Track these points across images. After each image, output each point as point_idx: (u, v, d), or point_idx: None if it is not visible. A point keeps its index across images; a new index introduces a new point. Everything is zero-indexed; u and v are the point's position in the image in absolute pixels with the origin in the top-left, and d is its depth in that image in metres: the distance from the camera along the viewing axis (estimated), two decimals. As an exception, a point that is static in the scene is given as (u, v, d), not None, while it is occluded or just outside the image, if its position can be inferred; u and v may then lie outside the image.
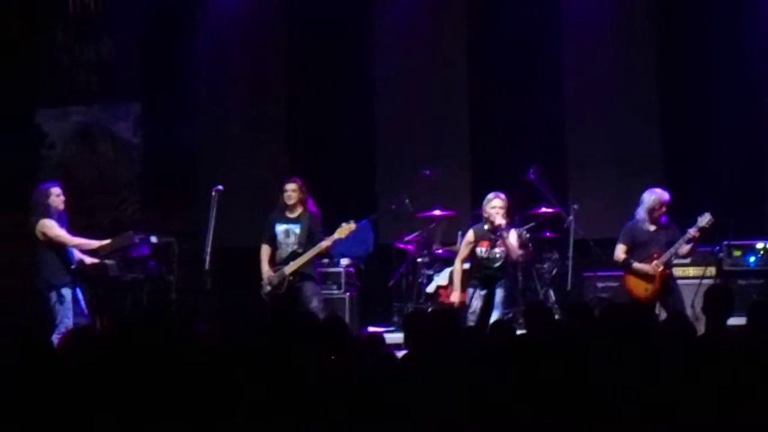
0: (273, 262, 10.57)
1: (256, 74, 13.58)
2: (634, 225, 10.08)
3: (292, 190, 10.54)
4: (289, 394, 5.20)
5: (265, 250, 10.62)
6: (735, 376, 5.18)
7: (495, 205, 10.00)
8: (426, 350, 5.91)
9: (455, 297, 10.18)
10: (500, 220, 9.96)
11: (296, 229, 10.50)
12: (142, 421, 5.17)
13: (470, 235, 10.20)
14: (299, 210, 10.55)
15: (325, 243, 10.39)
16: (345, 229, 10.41)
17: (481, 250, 10.06)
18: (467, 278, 10.20)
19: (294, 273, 10.40)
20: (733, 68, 12.59)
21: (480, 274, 10.07)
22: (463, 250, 10.27)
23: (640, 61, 12.99)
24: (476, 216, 10.66)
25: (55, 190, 10.17)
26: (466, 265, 10.28)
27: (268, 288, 10.45)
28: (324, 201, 11.01)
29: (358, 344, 6.40)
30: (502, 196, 10.10)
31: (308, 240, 10.42)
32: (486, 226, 10.05)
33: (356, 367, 5.64)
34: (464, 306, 10.02)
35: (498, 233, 9.98)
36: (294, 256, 10.42)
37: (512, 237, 10.13)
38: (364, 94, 13.45)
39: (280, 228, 10.56)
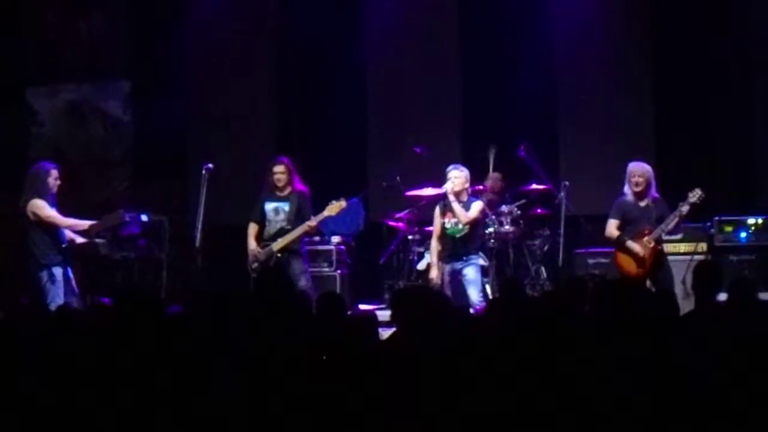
0: (260, 240, 10.54)
1: (245, 51, 13.54)
2: (623, 200, 10.05)
3: (280, 173, 10.49)
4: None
5: (252, 228, 10.58)
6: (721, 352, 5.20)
7: (450, 176, 10.17)
8: (414, 328, 5.90)
9: (432, 273, 10.24)
10: (446, 186, 10.12)
11: (285, 206, 10.47)
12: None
13: (436, 209, 10.40)
14: (288, 189, 10.52)
15: (314, 221, 10.36)
16: (335, 207, 10.37)
17: (443, 222, 10.19)
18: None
19: (282, 250, 10.37)
20: (725, 43, 12.59)
21: (445, 246, 10.20)
22: (435, 226, 10.42)
23: (633, 37, 12.98)
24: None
25: (55, 172, 10.15)
26: None
27: (255, 264, 10.42)
28: (314, 178, 10.99)
29: (351, 323, 6.38)
30: (461, 167, 10.28)
31: (297, 217, 10.38)
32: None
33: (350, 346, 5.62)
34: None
35: (445, 202, 10.13)
36: (282, 232, 10.39)
37: (474, 207, 10.18)
38: (356, 71, 13.42)
39: (269, 206, 10.52)
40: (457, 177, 10.16)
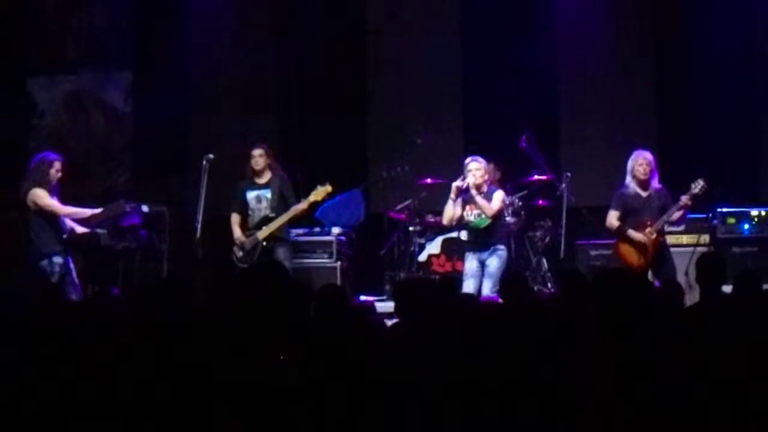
0: (245, 229, 10.64)
1: (246, 41, 13.51)
2: (625, 191, 10.04)
3: (258, 156, 10.61)
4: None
5: (235, 218, 10.71)
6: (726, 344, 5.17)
7: (470, 168, 10.16)
8: (416, 319, 5.88)
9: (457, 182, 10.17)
10: (469, 180, 10.10)
11: (267, 193, 10.56)
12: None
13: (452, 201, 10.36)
14: (268, 175, 10.59)
15: (301, 206, 10.40)
16: (321, 192, 10.41)
17: (466, 213, 10.18)
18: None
19: (267, 238, 10.41)
20: (728, 33, 12.54)
21: (470, 238, 10.29)
22: (446, 211, 10.35)
23: (635, 27, 12.95)
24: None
25: (58, 164, 10.15)
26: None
27: (240, 253, 10.46)
28: (314, 169, 10.99)
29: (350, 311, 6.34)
30: (479, 158, 10.28)
31: (280, 203, 10.44)
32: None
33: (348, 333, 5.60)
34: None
35: (467, 194, 10.13)
36: (266, 220, 10.45)
37: (496, 197, 10.21)
38: (357, 60, 13.40)
39: (251, 194, 10.65)
40: (478, 169, 10.17)
